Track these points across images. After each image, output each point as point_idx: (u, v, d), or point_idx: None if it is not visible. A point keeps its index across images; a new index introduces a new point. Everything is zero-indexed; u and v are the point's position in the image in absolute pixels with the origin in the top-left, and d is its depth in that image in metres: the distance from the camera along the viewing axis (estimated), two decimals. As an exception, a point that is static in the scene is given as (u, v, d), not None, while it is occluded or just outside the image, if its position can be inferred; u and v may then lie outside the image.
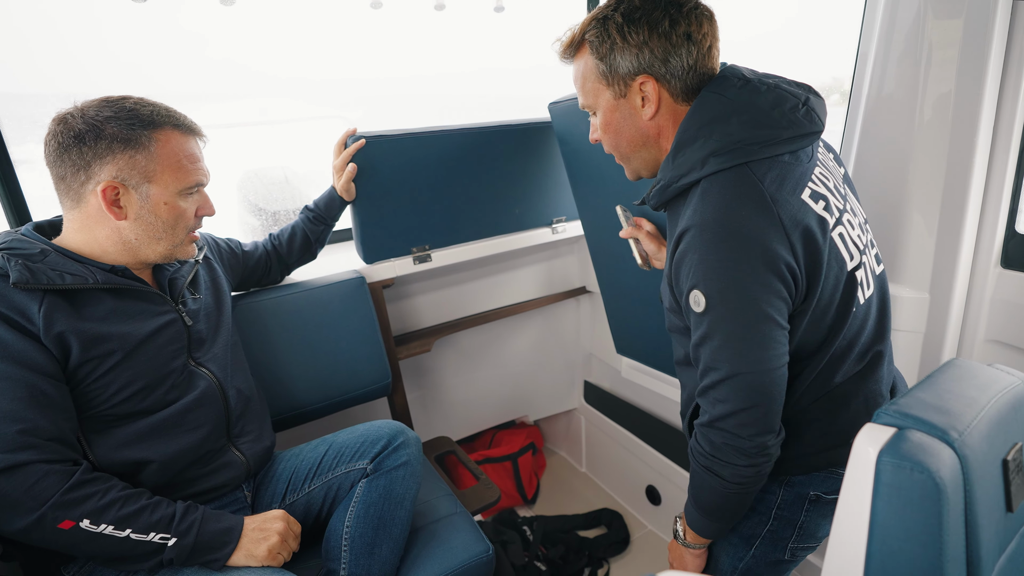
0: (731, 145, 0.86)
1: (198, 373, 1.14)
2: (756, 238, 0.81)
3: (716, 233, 0.83)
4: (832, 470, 1.00)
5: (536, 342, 2.32)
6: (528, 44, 3.54)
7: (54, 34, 2.00)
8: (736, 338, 0.84)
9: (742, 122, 0.86)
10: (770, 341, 0.84)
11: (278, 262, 1.53)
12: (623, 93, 0.94)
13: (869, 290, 0.94)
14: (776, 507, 1.04)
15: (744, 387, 0.86)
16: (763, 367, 0.85)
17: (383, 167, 1.56)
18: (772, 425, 0.89)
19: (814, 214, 0.85)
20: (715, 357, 0.87)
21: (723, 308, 0.84)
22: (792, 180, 0.86)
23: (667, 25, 0.88)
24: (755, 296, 0.82)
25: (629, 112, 0.96)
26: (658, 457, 2.03)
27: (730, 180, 0.85)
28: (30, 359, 0.93)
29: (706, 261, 0.83)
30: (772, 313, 0.83)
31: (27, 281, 0.94)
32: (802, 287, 0.85)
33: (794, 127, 0.87)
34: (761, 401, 0.86)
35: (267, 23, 2.85)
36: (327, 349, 1.58)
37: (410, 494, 1.22)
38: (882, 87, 1.37)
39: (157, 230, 1.05)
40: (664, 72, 0.91)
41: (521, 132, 1.74)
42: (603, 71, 0.94)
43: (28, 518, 0.88)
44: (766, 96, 0.88)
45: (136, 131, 0.99)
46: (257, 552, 1.03)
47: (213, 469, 1.14)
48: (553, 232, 2.00)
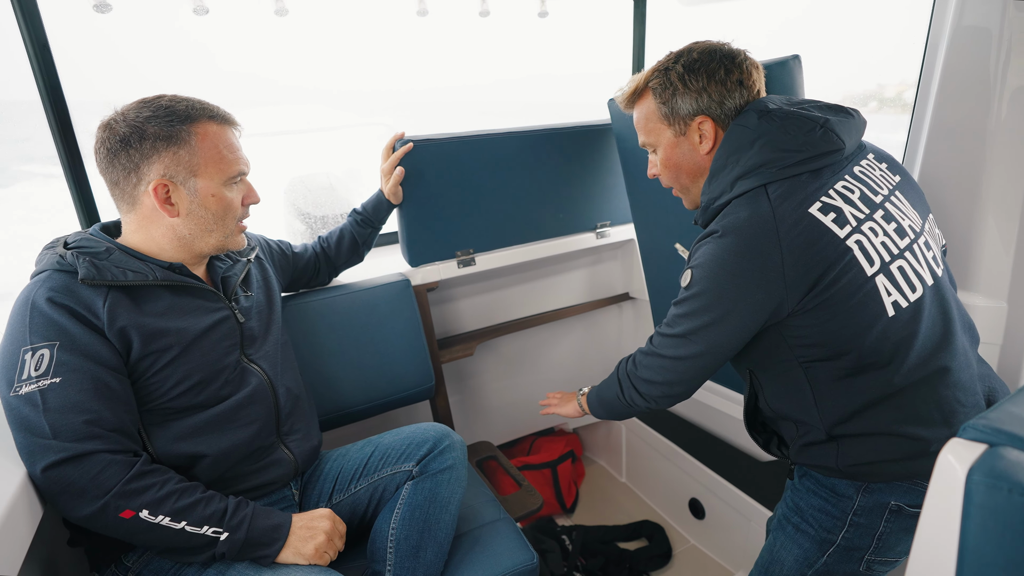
0: (753, 168, 0.98)
1: (250, 370, 1.16)
2: (755, 250, 0.93)
3: (726, 238, 0.96)
4: (917, 482, 1.01)
5: (578, 348, 2.29)
6: (572, 50, 3.53)
7: (120, 47, 2.10)
8: (698, 317, 1.00)
9: (761, 147, 0.98)
10: (723, 331, 0.99)
11: (326, 264, 1.55)
12: (683, 132, 1.08)
13: (915, 293, 0.97)
14: (853, 512, 1.05)
15: (685, 348, 1.02)
16: (708, 345, 1.00)
17: (430, 171, 1.57)
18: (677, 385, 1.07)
19: (820, 226, 0.94)
20: (677, 319, 1.03)
21: (703, 295, 0.99)
22: (800, 196, 0.95)
23: (723, 73, 1.03)
24: (731, 298, 0.96)
25: (688, 148, 1.09)
26: (702, 469, 1.97)
27: (749, 201, 0.97)
28: (96, 352, 0.96)
29: (710, 254, 0.97)
30: (736, 319, 0.97)
31: (94, 277, 0.98)
32: (797, 290, 0.94)
33: (809, 148, 0.97)
34: (689, 365, 1.03)
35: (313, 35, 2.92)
36: (372, 350, 1.59)
37: (455, 498, 1.21)
38: (953, 82, 1.30)
39: (208, 222, 1.07)
40: (720, 113, 1.05)
41: (567, 135, 1.73)
42: (665, 113, 1.08)
43: (93, 506, 0.90)
44: (784, 123, 0.99)
45: (175, 127, 1.01)
46: (305, 550, 1.04)
47: (263, 466, 1.15)
48: (597, 237, 1.97)
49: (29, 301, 0.95)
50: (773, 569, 1.16)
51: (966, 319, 1.04)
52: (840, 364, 0.98)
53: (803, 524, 1.11)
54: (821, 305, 0.94)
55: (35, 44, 1.28)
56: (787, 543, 1.14)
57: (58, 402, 0.91)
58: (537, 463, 2.28)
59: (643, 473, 2.36)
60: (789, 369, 1.03)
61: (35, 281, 0.99)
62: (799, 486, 1.14)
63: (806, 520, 1.11)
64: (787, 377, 1.05)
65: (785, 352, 1.02)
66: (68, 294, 0.96)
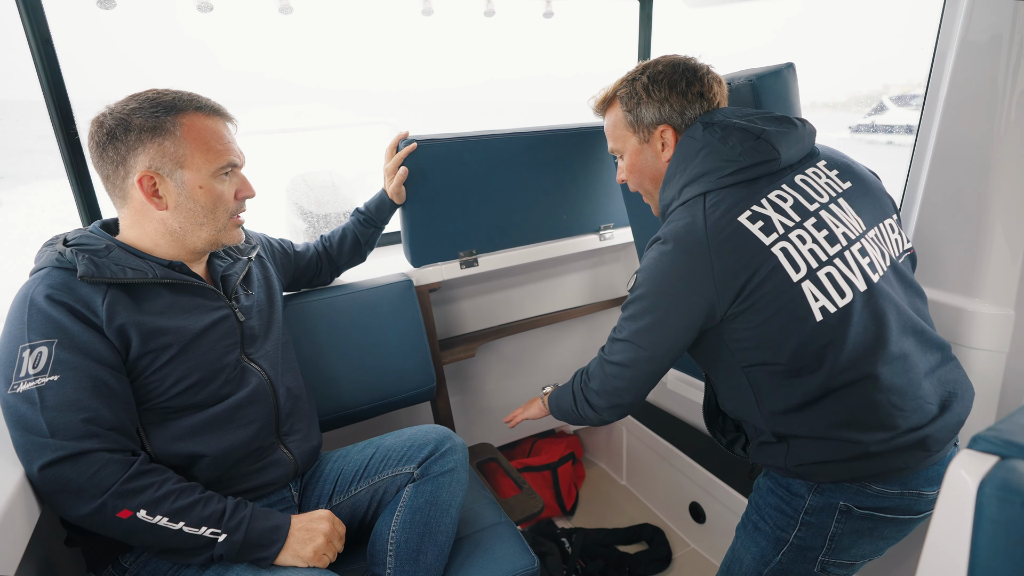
0: (696, 177, 1.05)
1: (250, 369, 1.15)
2: (688, 256, 0.99)
3: (666, 244, 1.02)
4: (864, 484, 1.04)
5: (580, 350, 2.28)
6: (577, 52, 3.52)
7: (123, 47, 2.09)
8: (640, 319, 1.05)
9: (704, 157, 1.04)
10: (663, 333, 1.04)
11: (328, 263, 1.54)
12: (647, 139, 1.15)
13: (843, 299, 0.99)
14: (804, 511, 1.08)
15: (632, 351, 1.07)
16: (647, 352, 1.06)
17: (433, 171, 1.56)
18: (625, 393, 1.12)
19: (746, 233, 0.98)
20: (623, 323, 1.09)
21: (644, 297, 1.04)
22: (730, 204, 1.01)
23: (684, 85, 1.10)
24: (668, 301, 1.02)
25: (651, 155, 1.16)
26: (703, 473, 1.96)
27: (687, 209, 1.04)
28: (94, 350, 0.95)
29: (652, 259, 1.04)
30: (674, 321, 1.02)
31: (92, 274, 0.97)
32: (727, 294, 0.99)
33: (744, 158, 1.02)
34: (636, 372, 1.08)
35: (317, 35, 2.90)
36: (374, 351, 1.58)
37: (456, 501, 1.21)
38: (961, 90, 1.29)
39: (198, 216, 1.06)
40: (680, 123, 1.11)
41: (571, 136, 1.72)
42: (630, 120, 1.15)
43: (90, 505, 0.89)
44: (722, 134, 1.05)
45: (160, 118, 1.00)
46: (303, 552, 1.03)
47: (262, 466, 1.15)
48: (600, 239, 1.96)
49: (28, 298, 0.95)
50: (734, 568, 1.20)
51: (913, 323, 1.05)
52: (775, 367, 1.02)
53: (760, 523, 1.15)
54: (751, 309, 0.99)
55: (38, 41, 1.28)
56: (746, 541, 1.18)
57: (56, 400, 0.90)
58: (537, 465, 2.27)
59: (644, 476, 2.35)
60: (733, 372, 1.08)
61: (34, 278, 0.98)
62: (761, 485, 1.19)
63: (763, 519, 1.15)
64: (733, 380, 1.10)
65: (727, 356, 1.06)
66: (67, 291, 0.96)
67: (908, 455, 1.00)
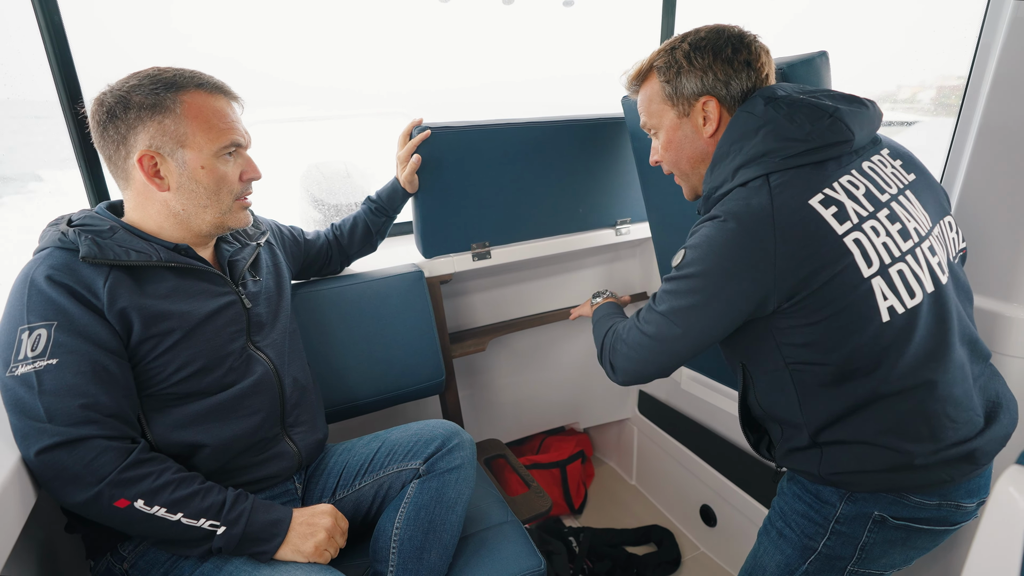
0: (755, 157, 0.94)
1: (256, 358, 1.12)
2: (749, 237, 0.90)
3: (725, 222, 0.92)
4: (902, 495, 0.98)
5: (592, 348, 2.24)
6: (598, 44, 3.46)
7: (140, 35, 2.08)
8: (683, 297, 0.97)
9: (765, 136, 0.94)
10: (704, 316, 0.96)
11: (339, 252, 1.51)
12: (686, 112, 1.05)
13: (913, 300, 0.92)
14: (835, 520, 1.03)
15: (667, 327, 0.99)
16: (680, 329, 0.98)
17: (447, 159, 1.52)
18: (650, 365, 1.05)
19: (818, 219, 0.89)
20: (663, 296, 1.01)
21: (692, 276, 0.95)
22: (802, 187, 0.91)
23: (729, 52, 1.00)
24: (718, 283, 0.93)
25: (691, 131, 1.05)
26: (715, 475, 1.92)
27: (750, 190, 0.93)
28: (94, 334, 0.93)
29: (706, 236, 0.94)
30: (720, 306, 0.94)
31: (95, 255, 0.94)
32: (785, 285, 0.90)
33: (815, 138, 0.92)
34: (666, 348, 1.01)
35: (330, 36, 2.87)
36: (383, 342, 1.55)
37: (462, 499, 1.17)
38: (1008, 77, 1.22)
39: (201, 197, 1.03)
40: (725, 93, 1.01)
41: (589, 127, 1.67)
42: (668, 93, 1.05)
43: (87, 493, 0.87)
44: (791, 111, 0.94)
45: (160, 95, 0.97)
46: (304, 547, 1.00)
47: (266, 458, 1.12)
48: (616, 234, 1.92)
49: (28, 278, 0.92)
50: (756, 574, 1.15)
51: (969, 332, 0.99)
52: (826, 368, 0.95)
53: (786, 530, 1.09)
54: (810, 303, 0.91)
55: (48, 22, 1.25)
56: (770, 548, 1.12)
57: (54, 384, 0.88)
58: (546, 462, 2.24)
59: (654, 476, 2.31)
60: (776, 369, 1.00)
61: (36, 258, 0.96)
62: (786, 490, 1.13)
63: (789, 525, 1.09)
64: (774, 377, 1.02)
65: (774, 351, 0.99)
66: (68, 272, 0.93)
67: (954, 468, 0.94)
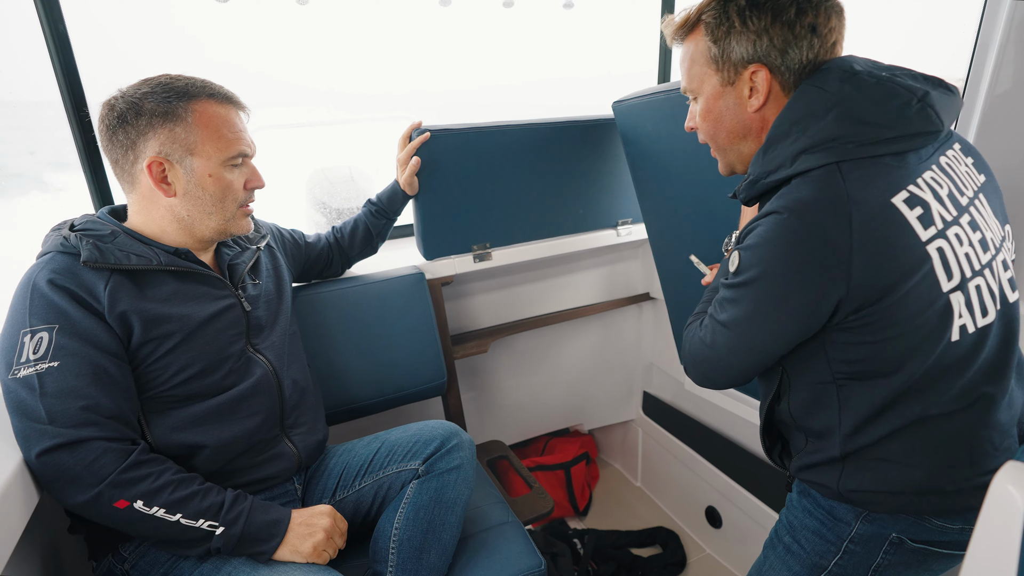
0: (824, 143, 0.80)
1: (255, 360, 1.13)
2: (820, 238, 0.77)
3: (788, 219, 0.79)
4: (923, 517, 0.90)
5: (595, 349, 2.24)
6: (596, 47, 3.46)
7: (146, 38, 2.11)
8: (741, 305, 0.86)
9: (839, 117, 0.80)
10: (773, 326, 0.84)
11: (339, 255, 1.52)
12: (731, 80, 0.90)
13: (985, 318, 0.83)
14: (849, 539, 0.95)
15: (726, 338, 0.89)
16: (751, 342, 0.87)
17: (447, 161, 1.53)
18: (719, 375, 0.95)
19: (902, 222, 0.78)
20: (724, 304, 0.89)
21: (750, 281, 0.83)
22: (884, 182, 0.79)
23: (792, 14, 0.84)
24: (781, 292, 0.81)
25: (734, 101, 0.92)
26: (721, 477, 1.90)
27: (817, 180, 0.79)
28: (95, 337, 0.94)
29: (766, 236, 0.81)
30: (782, 318, 0.83)
31: (96, 260, 0.95)
32: (857, 296, 0.79)
33: (901, 125, 0.79)
34: (732, 362, 0.91)
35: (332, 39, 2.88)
36: (384, 345, 1.56)
37: (462, 499, 1.17)
38: (1003, 85, 1.21)
39: (206, 204, 1.05)
40: (780, 63, 0.86)
41: (588, 128, 1.68)
42: (714, 55, 0.90)
43: (87, 494, 0.88)
44: (872, 90, 0.80)
45: (172, 104, 0.99)
46: (302, 548, 1.01)
47: (265, 459, 1.13)
48: (618, 234, 1.92)
49: (31, 283, 0.94)
50: None
51: (1020, 354, 0.92)
52: (879, 388, 0.85)
53: (794, 545, 1.03)
54: (878, 318, 0.79)
55: (52, 28, 1.27)
56: (776, 563, 1.05)
57: (55, 387, 0.89)
58: (551, 464, 2.23)
59: (659, 478, 2.30)
60: (822, 382, 0.91)
61: (38, 263, 0.97)
62: (796, 504, 1.05)
63: (798, 541, 1.02)
64: (818, 389, 0.92)
65: (822, 365, 0.88)
66: (70, 276, 0.94)
67: (984, 495, 0.89)
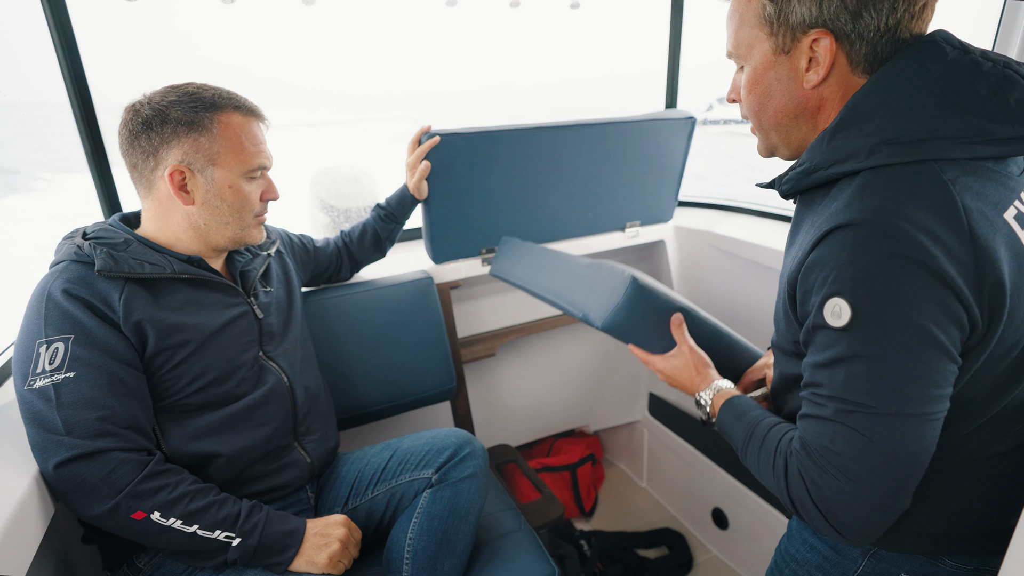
0: (918, 134, 0.65)
1: (268, 368, 1.13)
2: (935, 246, 0.61)
3: (879, 231, 0.62)
4: (938, 557, 0.79)
5: (601, 350, 2.24)
6: (605, 47, 3.44)
7: (151, 43, 2.10)
8: (889, 366, 0.64)
9: (943, 106, 0.66)
10: (937, 377, 0.64)
11: (348, 259, 1.52)
12: (786, 48, 0.74)
13: None
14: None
15: (888, 435, 0.65)
16: (920, 409, 0.65)
17: (456, 165, 1.52)
18: (897, 500, 0.68)
19: (1019, 243, 0.66)
20: (853, 387, 0.66)
21: (876, 325, 0.63)
22: (995, 192, 0.65)
23: None
24: (922, 316, 0.62)
25: (788, 74, 0.75)
26: (727, 478, 1.91)
27: (908, 176, 0.65)
28: (111, 347, 0.93)
29: (858, 263, 0.63)
30: (943, 340, 0.63)
31: (111, 269, 0.95)
32: (981, 326, 0.65)
33: (1016, 124, 0.65)
34: (902, 459, 0.65)
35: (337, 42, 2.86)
36: (393, 349, 1.56)
37: (475, 508, 1.17)
38: None
39: (224, 214, 1.05)
40: (850, 29, 0.69)
41: (597, 130, 1.67)
42: (769, 14, 0.73)
43: (104, 505, 0.88)
44: (987, 77, 0.66)
45: (199, 114, 1.00)
46: (318, 559, 1.01)
47: (278, 467, 1.13)
48: (626, 237, 1.91)
49: (45, 293, 0.93)
50: None
51: None
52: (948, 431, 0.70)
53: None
54: (977, 353, 0.67)
55: (60, 32, 1.26)
56: None
57: (72, 397, 0.89)
58: (556, 465, 2.23)
59: (665, 479, 2.30)
60: None
61: (52, 272, 0.97)
62: (796, 535, 0.95)
63: (799, 575, 0.93)
64: None
65: None
66: (84, 286, 0.94)
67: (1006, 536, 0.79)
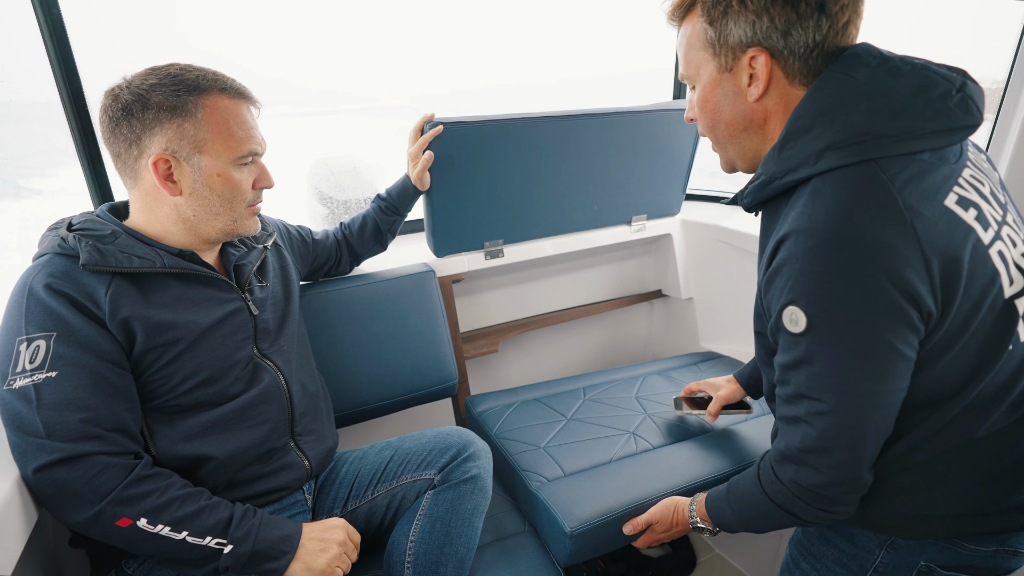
0: (856, 137, 0.72)
1: (263, 366, 1.08)
2: (879, 249, 0.67)
3: (826, 240, 0.69)
4: (955, 542, 0.83)
5: (605, 345, 2.20)
6: (608, 43, 3.40)
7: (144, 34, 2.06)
8: (843, 366, 0.72)
9: (874, 109, 0.72)
10: (886, 373, 0.72)
11: (348, 252, 1.47)
12: (729, 67, 0.81)
13: None
14: (873, 568, 0.89)
15: (845, 426, 0.75)
16: (872, 402, 0.73)
17: (459, 155, 1.47)
18: (861, 475, 0.78)
19: (962, 225, 0.71)
20: (813, 385, 0.75)
21: (829, 329, 0.71)
22: (933, 182, 0.71)
23: None
24: (872, 318, 0.69)
25: (733, 90, 0.82)
26: (733, 477, 1.87)
27: (851, 179, 0.71)
28: (96, 345, 0.88)
29: (809, 272, 0.70)
30: (893, 340, 0.70)
31: (96, 263, 0.90)
32: (936, 315, 0.70)
33: (943, 118, 0.72)
34: (859, 444, 0.75)
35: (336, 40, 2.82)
36: (393, 345, 1.51)
37: (479, 511, 1.13)
38: None
39: (214, 204, 0.98)
40: (782, 47, 0.77)
41: (605, 121, 1.62)
42: (711, 37, 0.81)
43: (87, 512, 0.84)
44: (908, 79, 0.73)
45: (182, 97, 0.92)
46: (315, 565, 0.96)
47: (274, 470, 1.08)
48: (632, 231, 1.87)
49: (26, 287, 0.88)
50: None
51: None
52: (933, 414, 0.77)
53: (813, 573, 0.96)
54: (946, 338, 0.72)
55: (48, 18, 1.21)
56: None
57: (53, 398, 0.84)
58: (559, 463, 2.20)
59: (669, 477, 2.27)
60: None
61: (34, 265, 0.91)
62: (811, 528, 0.98)
63: (816, 569, 0.95)
64: None
65: None
66: (68, 280, 0.89)
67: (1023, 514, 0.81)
